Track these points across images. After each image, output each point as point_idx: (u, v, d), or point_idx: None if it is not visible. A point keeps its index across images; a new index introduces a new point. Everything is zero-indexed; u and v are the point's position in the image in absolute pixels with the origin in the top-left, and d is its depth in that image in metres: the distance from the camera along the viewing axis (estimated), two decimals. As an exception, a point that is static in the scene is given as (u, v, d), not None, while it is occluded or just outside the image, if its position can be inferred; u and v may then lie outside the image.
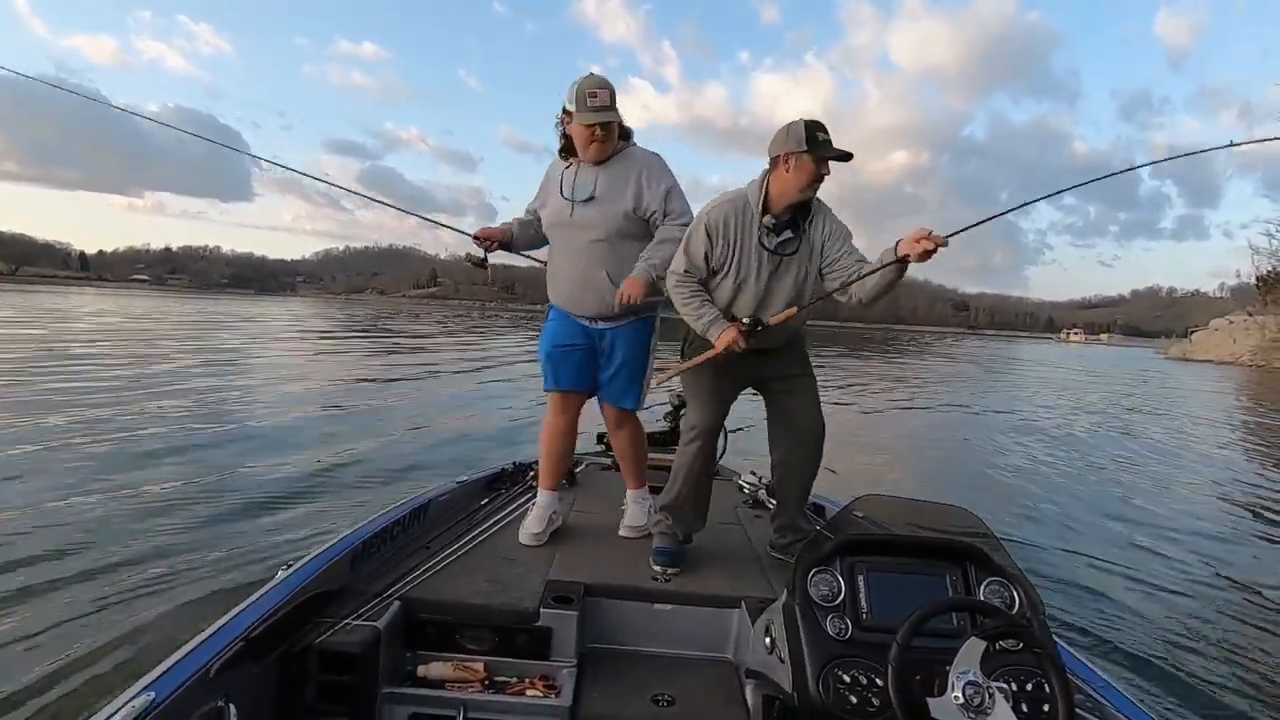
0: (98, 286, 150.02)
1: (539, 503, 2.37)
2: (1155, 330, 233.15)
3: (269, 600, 1.54)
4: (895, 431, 9.29)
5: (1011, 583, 1.41)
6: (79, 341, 15.41)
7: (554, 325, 2.38)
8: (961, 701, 1.11)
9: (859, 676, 1.25)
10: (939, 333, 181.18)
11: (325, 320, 36.48)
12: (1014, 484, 6.31)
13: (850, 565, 1.42)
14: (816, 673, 1.27)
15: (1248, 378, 29.05)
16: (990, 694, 1.11)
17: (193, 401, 8.03)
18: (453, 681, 1.69)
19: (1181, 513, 5.52)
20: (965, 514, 1.62)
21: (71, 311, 29.58)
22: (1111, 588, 3.73)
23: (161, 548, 3.47)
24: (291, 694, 1.54)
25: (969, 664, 1.14)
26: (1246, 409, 15.96)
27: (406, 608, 1.77)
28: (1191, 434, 10.57)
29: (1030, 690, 1.21)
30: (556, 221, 2.28)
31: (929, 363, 27.72)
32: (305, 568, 1.71)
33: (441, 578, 1.95)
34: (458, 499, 2.59)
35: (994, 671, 1.18)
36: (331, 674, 1.55)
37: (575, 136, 2.18)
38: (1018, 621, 1.29)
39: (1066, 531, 4.78)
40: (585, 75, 2.15)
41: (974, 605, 1.35)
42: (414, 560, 2.02)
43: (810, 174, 1.94)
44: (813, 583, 1.40)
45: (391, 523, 2.12)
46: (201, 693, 1.26)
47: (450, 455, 5.97)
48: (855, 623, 1.35)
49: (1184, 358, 46.41)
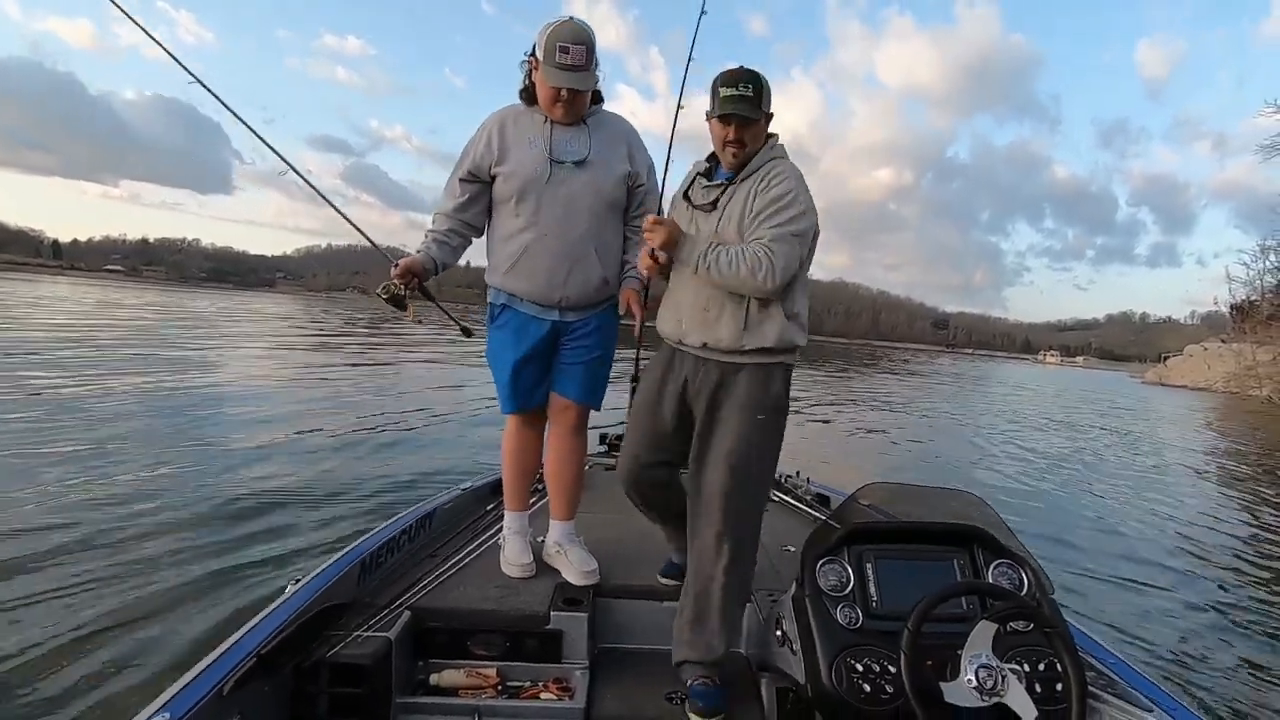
0: (70, 276, 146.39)
1: (514, 529, 2.07)
2: (1129, 354, 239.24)
3: (279, 616, 1.53)
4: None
5: (1019, 564, 1.41)
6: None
7: (515, 331, 1.92)
8: (975, 685, 1.11)
9: (872, 664, 1.26)
10: (917, 350, 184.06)
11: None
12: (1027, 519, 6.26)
13: (858, 554, 1.43)
14: (829, 663, 1.27)
15: (1225, 404, 29.65)
16: (1003, 676, 1.12)
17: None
18: (466, 689, 1.69)
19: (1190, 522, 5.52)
20: (970, 497, 1.62)
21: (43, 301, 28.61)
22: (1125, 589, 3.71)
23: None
24: (304, 708, 1.53)
25: (981, 647, 1.14)
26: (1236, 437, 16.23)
27: (416, 617, 1.77)
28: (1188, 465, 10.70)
29: (1043, 670, 1.21)
30: (530, 186, 1.84)
31: (905, 390, 22.35)
32: (313, 582, 1.70)
33: (450, 585, 1.94)
34: (462, 506, 2.57)
35: (1006, 653, 1.18)
36: (344, 686, 1.54)
37: (539, 88, 1.83)
38: (1027, 603, 1.27)
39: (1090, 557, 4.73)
40: (562, 19, 1.78)
41: (983, 588, 1.35)
42: (422, 569, 2.01)
43: (716, 135, 1.66)
44: (821, 573, 1.41)
45: (398, 533, 2.10)
46: (216, 711, 1.26)
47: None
48: (865, 611, 1.36)
49: (1159, 382, 47.47)
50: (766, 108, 1.63)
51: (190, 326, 21.47)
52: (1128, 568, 4.51)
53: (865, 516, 1.60)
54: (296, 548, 3.55)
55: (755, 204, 1.60)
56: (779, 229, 1.55)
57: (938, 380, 29.91)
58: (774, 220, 1.56)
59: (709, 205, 1.69)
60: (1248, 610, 3.85)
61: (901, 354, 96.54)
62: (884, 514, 1.65)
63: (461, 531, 2.37)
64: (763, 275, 1.51)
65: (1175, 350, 55.74)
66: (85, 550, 3.34)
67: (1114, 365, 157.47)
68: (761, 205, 1.58)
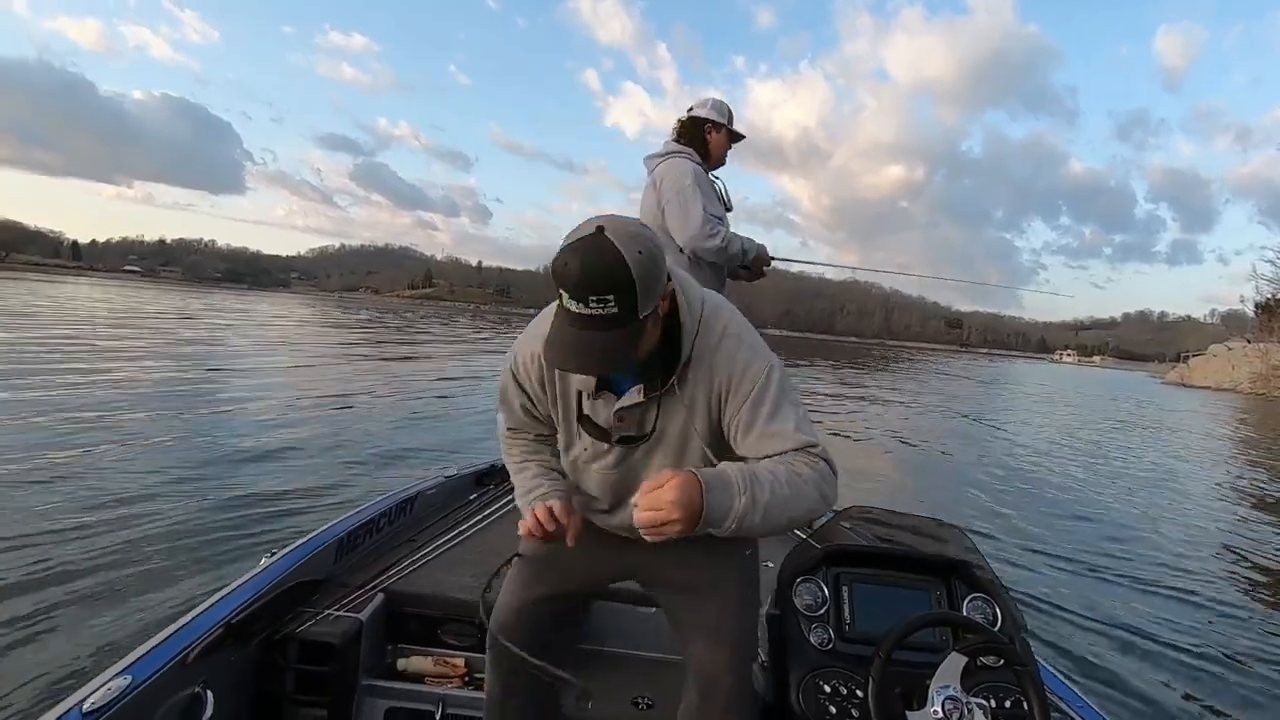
0: (89, 276, 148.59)
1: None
2: (1147, 354, 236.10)
3: (251, 587, 1.52)
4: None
5: (995, 599, 1.41)
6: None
7: None
8: (940, 716, 1.10)
9: (839, 687, 1.25)
10: (930, 349, 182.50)
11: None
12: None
13: (835, 575, 1.42)
14: (797, 682, 1.27)
15: (1259, 408, 28.84)
16: (969, 709, 1.11)
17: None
18: (433, 676, 1.70)
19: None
20: (952, 529, 1.63)
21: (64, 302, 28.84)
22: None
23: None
24: (270, 682, 1.54)
25: (949, 679, 1.13)
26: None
27: (389, 601, 1.76)
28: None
29: (1009, 708, 1.21)
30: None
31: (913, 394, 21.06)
32: (289, 556, 1.69)
33: (426, 572, 1.93)
34: (445, 493, 2.56)
35: (974, 687, 1.18)
36: (311, 664, 1.55)
37: (720, 147, 2.48)
38: (1000, 638, 1.27)
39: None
40: (717, 98, 2.48)
41: (957, 620, 1.34)
42: (399, 553, 2.01)
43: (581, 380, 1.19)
44: (797, 592, 1.40)
45: (377, 514, 2.11)
46: (179, 678, 1.27)
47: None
48: (838, 633, 1.35)
49: (1182, 383, 46.54)
50: (653, 300, 0.96)
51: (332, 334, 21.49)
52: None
53: (846, 538, 1.60)
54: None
55: (730, 413, 1.08)
56: (793, 419, 1.06)
57: (944, 379, 29.40)
58: (779, 418, 1.06)
59: (631, 432, 1.14)
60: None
61: (910, 353, 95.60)
62: (866, 537, 1.66)
63: (442, 519, 2.36)
64: (826, 489, 1.04)
65: (1195, 350, 54.68)
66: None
67: (1133, 365, 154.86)
68: (745, 416, 1.07)
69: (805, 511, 1.03)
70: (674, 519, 0.92)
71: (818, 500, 1.03)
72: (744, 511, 0.96)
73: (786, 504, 0.99)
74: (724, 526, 0.96)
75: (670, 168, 2.37)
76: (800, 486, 1.01)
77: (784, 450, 1.04)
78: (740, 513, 0.96)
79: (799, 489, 1.00)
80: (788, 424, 1.05)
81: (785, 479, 1.00)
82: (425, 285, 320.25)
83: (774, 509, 0.98)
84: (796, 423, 1.06)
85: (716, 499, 0.95)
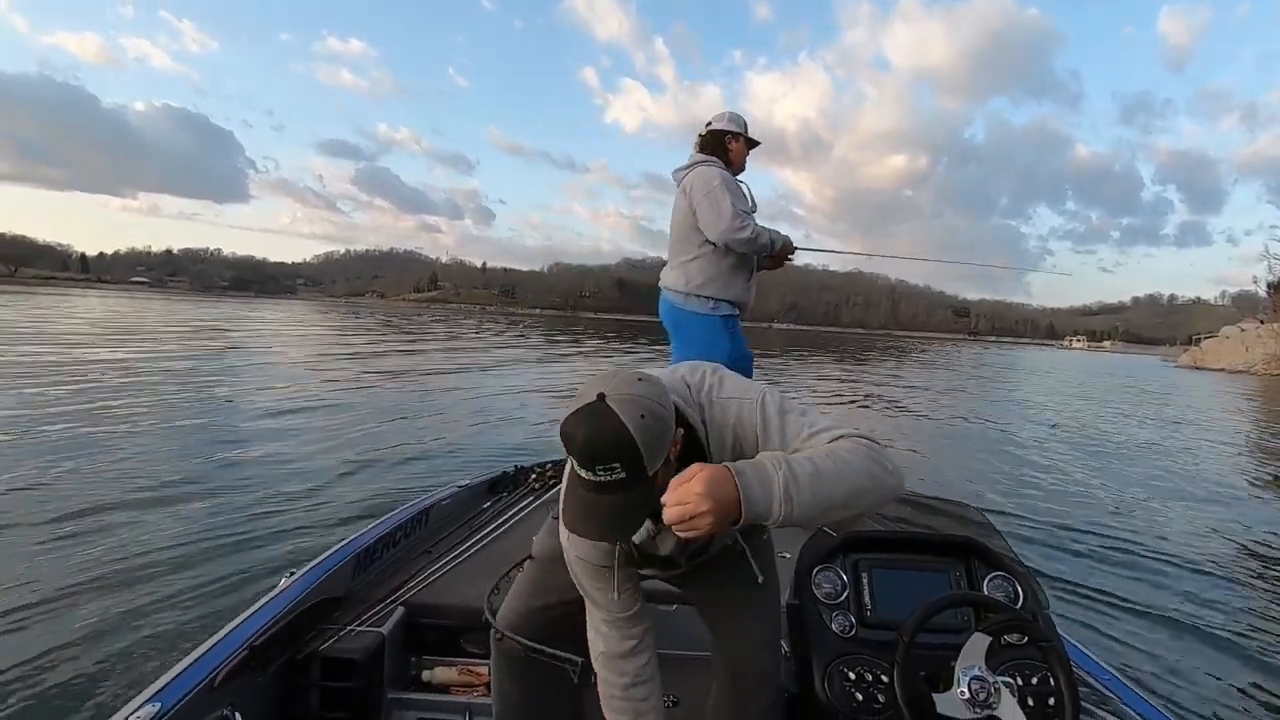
0: (99, 288, 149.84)
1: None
2: (1157, 337, 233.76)
3: (272, 608, 1.54)
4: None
5: (1015, 577, 1.41)
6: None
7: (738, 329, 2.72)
8: (967, 696, 1.09)
9: (864, 673, 1.25)
10: (937, 338, 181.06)
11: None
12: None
13: (854, 562, 1.42)
14: (821, 671, 1.27)
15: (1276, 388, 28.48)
16: (996, 688, 1.10)
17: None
18: (457, 686, 1.70)
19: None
20: (969, 509, 1.63)
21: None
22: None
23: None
24: (296, 702, 1.54)
25: (974, 659, 1.13)
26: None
27: (410, 613, 1.77)
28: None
29: (1036, 684, 1.20)
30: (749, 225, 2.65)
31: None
32: (308, 575, 1.70)
33: (444, 583, 1.94)
34: (459, 503, 2.59)
35: (999, 666, 1.18)
36: (336, 680, 1.54)
37: (740, 154, 2.75)
38: (1022, 616, 1.26)
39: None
40: (732, 111, 2.79)
41: (978, 600, 1.34)
42: (416, 565, 2.02)
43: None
44: (816, 581, 1.40)
45: (393, 528, 2.12)
46: (206, 703, 1.27)
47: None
48: (859, 620, 1.35)
49: (1195, 366, 45.93)
50: (660, 456, 0.94)
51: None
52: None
53: (863, 524, 1.59)
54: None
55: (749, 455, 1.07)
56: (804, 428, 1.05)
57: (946, 369, 29.19)
58: (788, 435, 1.05)
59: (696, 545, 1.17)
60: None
61: (916, 343, 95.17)
62: (882, 521, 1.65)
63: (457, 529, 2.37)
64: (875, 460, 1.00)
65: (1207, 332, 53.99)
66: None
67: (1144, 349, 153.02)
68: (762, 448, 1.07)
69: (860, 484, 0.96)
70: (703, 510, 0.89)
71: (868, 472, 0.97)
72: (785, 485, 0.91)
73: (836, 478, 0.94)
74: (772, 509, 0.92)
75: (698, 175, 2.63)
76: (843, 457, 0.97)
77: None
78: (783, 487, 0.91)
79: (842, 459, 0.96)
80: (801, 432, 1.04)
81: (824, 454, 0.97)
82: (431, 288, 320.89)
83: (822, 482, 0.93)
84: (807, 426, 1.05)
85: (750, 481, 0.91)
